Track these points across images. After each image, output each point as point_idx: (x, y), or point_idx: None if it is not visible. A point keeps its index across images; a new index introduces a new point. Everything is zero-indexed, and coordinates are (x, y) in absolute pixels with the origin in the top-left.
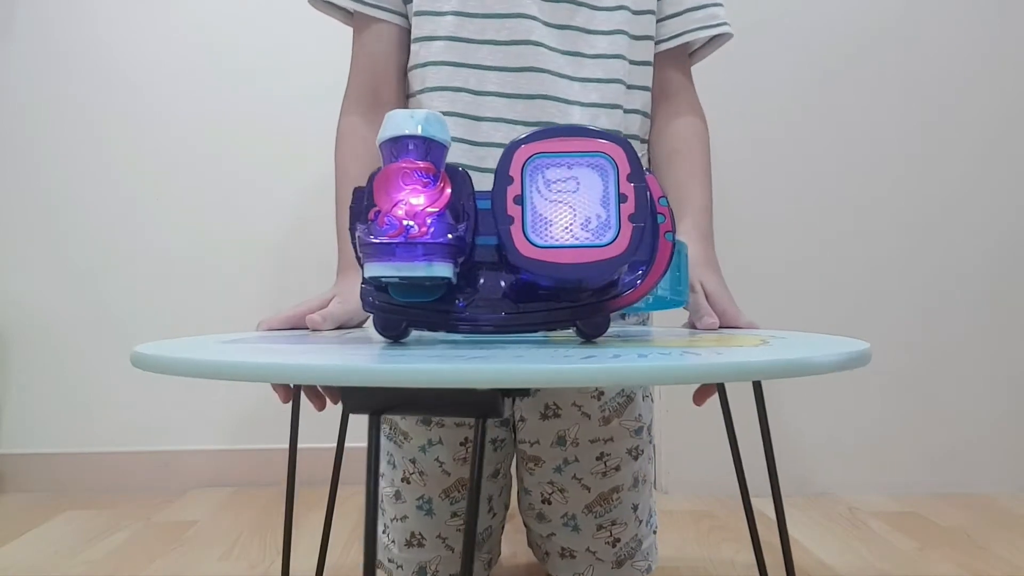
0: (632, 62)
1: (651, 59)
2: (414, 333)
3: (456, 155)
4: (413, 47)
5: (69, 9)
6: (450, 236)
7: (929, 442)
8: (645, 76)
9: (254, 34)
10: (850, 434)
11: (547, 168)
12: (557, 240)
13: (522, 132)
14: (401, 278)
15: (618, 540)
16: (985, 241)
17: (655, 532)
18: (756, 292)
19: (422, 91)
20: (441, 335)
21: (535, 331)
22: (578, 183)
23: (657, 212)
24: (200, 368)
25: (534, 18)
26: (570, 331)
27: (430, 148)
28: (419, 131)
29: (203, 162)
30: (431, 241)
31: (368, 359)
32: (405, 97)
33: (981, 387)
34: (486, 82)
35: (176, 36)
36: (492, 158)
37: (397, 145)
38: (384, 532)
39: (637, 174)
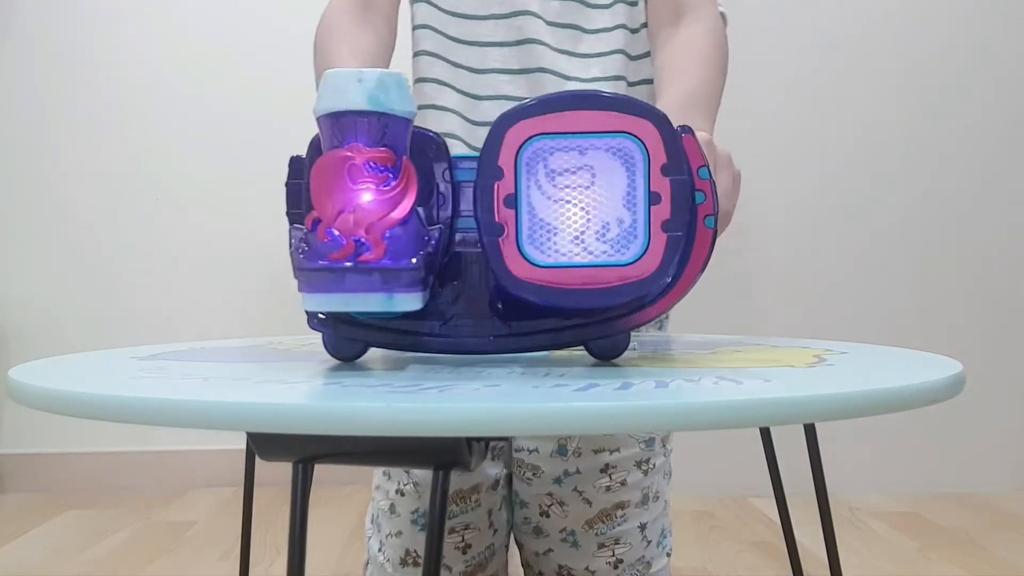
0: (633, 30)
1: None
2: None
3: (454, 130)
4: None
5: (67, 12)
6: (420, 254)
7: (929, 442)
8: (647, 43)
9: (252, 36)
10: (850, 434)
11: (551, 154)
12: (563, 256)
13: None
14: (353, 313)
15: (621, 561)
16: (983, 240)
17: (669, 555)
18: (755, 295)
19: (418, 54)
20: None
21: (532, 350)
22: (593, 175)
23: (695, 189)
24: (74, 405)
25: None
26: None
27: (387, 127)
28: (370, 106)
29: (203, 163)
30: (391, 267)
31: (292, 392)
32: (396, 11)
33: (981, 387)
34: (487, 59)
35: (174, 38)
36: None
37: (341, 123)
38: (380, 550)
39: (676, 163)
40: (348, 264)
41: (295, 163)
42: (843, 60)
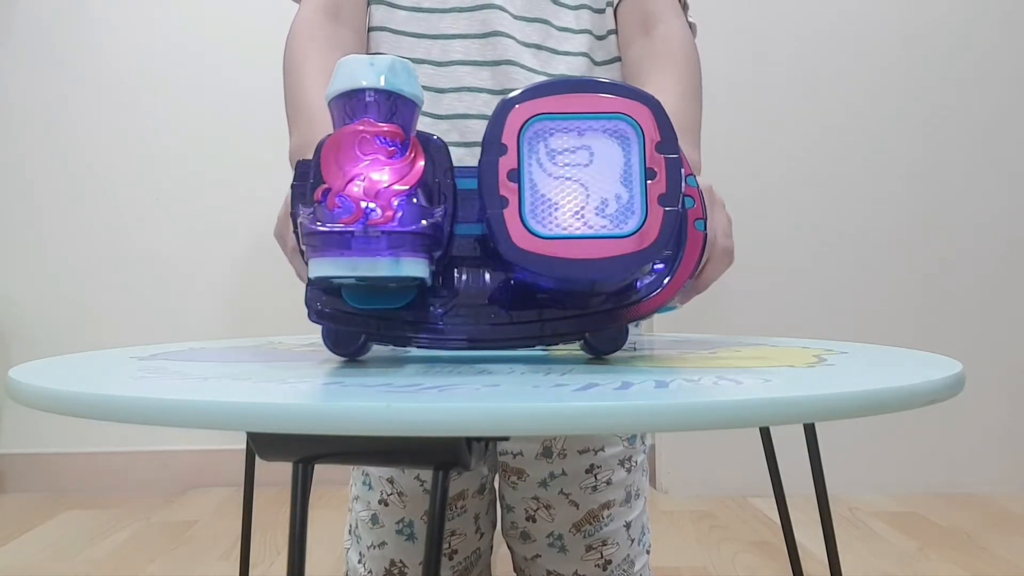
0: (599, 36)
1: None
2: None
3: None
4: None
5: (64, 13)
6: (424, 223)
7: (929, 442)
8: (613, 49)
9: (248, 38)
10: (850, 434)
11: (551, 134)
12: (564, 229)
13: (490, 100)
14: (359, 279)
15: (609, 562)
16: (983, 240)
17: (648, 552)
18: (752, 295)
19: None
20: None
21: (530, 346)
22: (591, 154)
23: (684, 194)
24: (74, 405)
25: None
26: (576, 343)
27: (396, 106)
28: (381, 82)
29: (200, 164)
30: (399, 230)
31: (292, 392)
32: (367, 29)
33: (981, 387)
34: (450, 51)
35: (173, 38)
36: (457, 131)
37: (352, 101)
38: (360, 562)
39: (669, 142)
40: (356, 227)
41: (301, 167)
42: (846, 60)
